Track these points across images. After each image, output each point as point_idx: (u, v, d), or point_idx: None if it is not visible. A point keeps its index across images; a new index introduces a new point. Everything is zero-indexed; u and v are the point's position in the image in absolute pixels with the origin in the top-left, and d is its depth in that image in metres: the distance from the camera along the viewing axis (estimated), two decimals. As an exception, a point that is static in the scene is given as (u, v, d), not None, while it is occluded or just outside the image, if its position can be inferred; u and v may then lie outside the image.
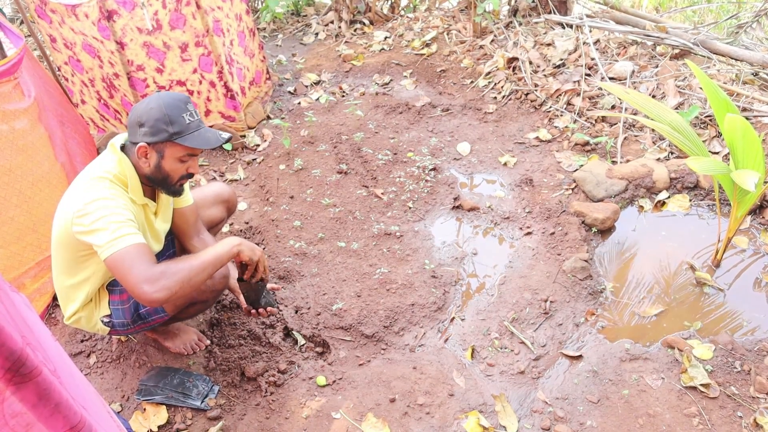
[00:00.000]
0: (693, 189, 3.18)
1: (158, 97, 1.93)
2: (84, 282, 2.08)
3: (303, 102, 4.47)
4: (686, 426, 2.09)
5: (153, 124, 1.89)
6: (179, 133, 1.92)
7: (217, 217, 2.54)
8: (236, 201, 2.65)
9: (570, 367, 2.38)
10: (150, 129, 1.90)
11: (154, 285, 1.76)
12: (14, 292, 0.96)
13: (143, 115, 1.91)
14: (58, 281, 2.12)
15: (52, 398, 0.85)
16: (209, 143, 1.95)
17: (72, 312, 2.13)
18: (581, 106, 3.90)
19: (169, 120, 1.90)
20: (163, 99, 1.92)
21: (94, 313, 2.15)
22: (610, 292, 2.73)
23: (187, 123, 1.93)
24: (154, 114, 1.89)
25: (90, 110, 3.95)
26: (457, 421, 2.17)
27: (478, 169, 3.64)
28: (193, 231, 2.33)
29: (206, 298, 2.19)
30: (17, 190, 2.56)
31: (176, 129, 1.91)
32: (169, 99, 1.92)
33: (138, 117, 1.92)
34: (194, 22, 3.48)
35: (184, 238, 2.34)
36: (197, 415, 2.24)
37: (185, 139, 1.92)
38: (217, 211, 2.53)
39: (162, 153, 1.95)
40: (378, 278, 2.84)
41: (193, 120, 1.95)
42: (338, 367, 2.45)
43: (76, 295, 2.11)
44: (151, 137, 1.91)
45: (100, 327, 2.17)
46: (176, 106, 1.91)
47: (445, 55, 4.96)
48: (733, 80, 3.79)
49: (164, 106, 1.90)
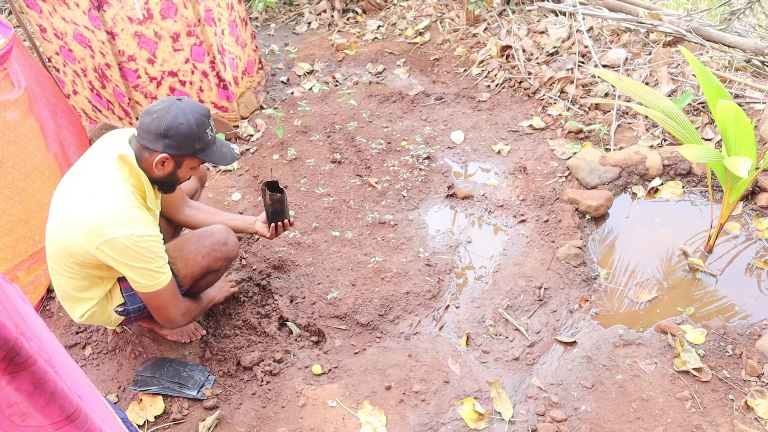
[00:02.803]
0: (686, 176, 3.19)
1: (184, 110, 1.91)
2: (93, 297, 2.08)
3: (296, 92, 4.45)
4: (679, 409, 2.11)
5: (181, 140, 1.91)
6: (203, 150, 1.98)
7: (192, 189, 2.60)
8: (206, 171, 2.71)
9: (564, 353, 2.39)
10: (177, 143, 1.91)
11: (186, 317, 2.16)
12: (8, 283, 0.96)
13: (171, 128, 1.88)
14: (63, 286, 2.05)
15: (48, 387, 0.85)
16: (226, 160, 2.05)
17: (84, 311, 2.10)
18: (575, 94, 3.90)
19: (198, 137, 1.94)
20: (191, 114, 1.91)
21: (108, 306, 2.13)
22: (603, 278, 2.74)
23: (209, 139, 1.99)
24: (184, 130, 1.89)
25: (82, 101, 3.92)
26: (453, 407, 2.19)
27: (471, 158, 3.64)
28: (181, 204, 2.41)
29: (219, 267, 2.27)
30: (9, 182, 2.55)
31: (201, 145, 1.97)
32: (197, 115, 1.93)
33: (164, 129, 1.88)
34: (186, 11, 3.45)
35: (175, 212, 2.40)
36: (193, 405, 2.25)
37: (207, 155, 2.00)
38: (191, 182, 2.59)
39: (180, 164, 2.00)
40: (372, 267, 2.85)
41: (212, 135, 2.02)
42: (334, 355, 2.46)
43: (87, 296, 2.08)
44: (176, 151, 1.93)
45: (115, 318, 2.17)
46: (203, 123, 1.95)
47: (438, 43, 4.94)
48: (726, 67, 3.80)
49: (195, 124, 1.91)
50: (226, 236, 2.25)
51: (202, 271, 2.22)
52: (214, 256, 2.22)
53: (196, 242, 2.21)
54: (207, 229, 2.28)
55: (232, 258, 2.30)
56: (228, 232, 2.28)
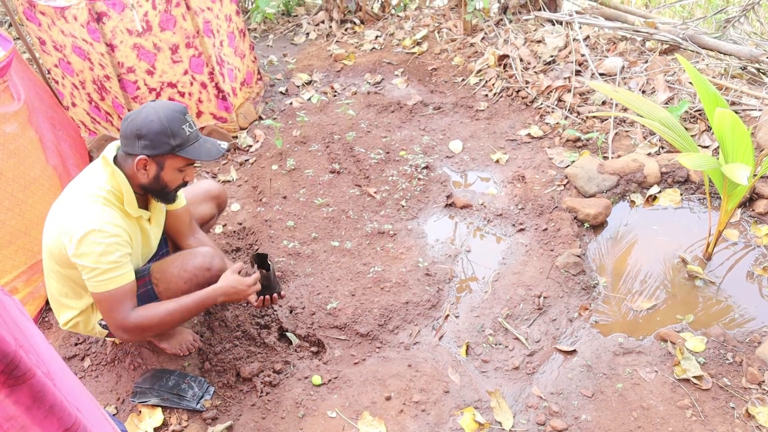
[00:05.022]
0: (684, 183, 3.20)
1: (155, 108, 1.90)
2: (79, 299, 2.08)
3: (295, 102, 4.47)
4: (680, 418, 2.10)
5: (154, 138, 1.88)
6: (181, 146, 1.92)
7: (207, 214, 2.55)
8: (226, 197, 2.66)
9: (564, 362, 2.39)
10: (151, 142, 1.88)
11: (127, 334, 1.96)
12: (6, 295, 0.96)
13: (142, 127, 1.88)
14: (52, 293, 2.10)
15: (47, 400, 0.85)
16: (210, 155, 1.97)
17: (68, 318, 2.12)
18: (572, 103, 3.92)
19: (171, 133, 1.89)
20: (162, 111, 1.90)
21: (92, 317, 2.14)
22: (603, 286, 2.74)
23: (187, 135, 1.94)
24: (155, 127, 1.87)
25: (81, 113, 3.93)
26: (453, 417, 2.18)
27: (470, 167, 3.64)
28: (187, 231, 2.34)
29: None
30: (9, 194, 2.55)
31: (178, 142, 1.91)
32: (168, 111, 1.91)
33: (136, 129, 1.88)
34: (184, 23, 3.47)
35: (180, 238, 2.34)
36: (193, 416, 2.24)
37: (187, 151, 1.93)
38: (207, 207, 2.54)
39: (162, 165, 1.95)
40: (372, 277, 2.85)
41: (192, 131, 1.96)
42: (333, 366, 2.46)
43: (70, 303, 2.10)
44: (152, 150, 1.89)
45: (98, 330, 2.17)
46: (176, 119, 1.90)
47: (436, 53, 4.97)
48: (722, 74, 3.82)
49: (164, 119, 1.88)
50: (210, 261, 2.14)
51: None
52: (196, 282, 2.11)
53: (180, 265, 2.12)
54: (192, 251, 2.18)
55: None
56: (212, 256, 2.16)
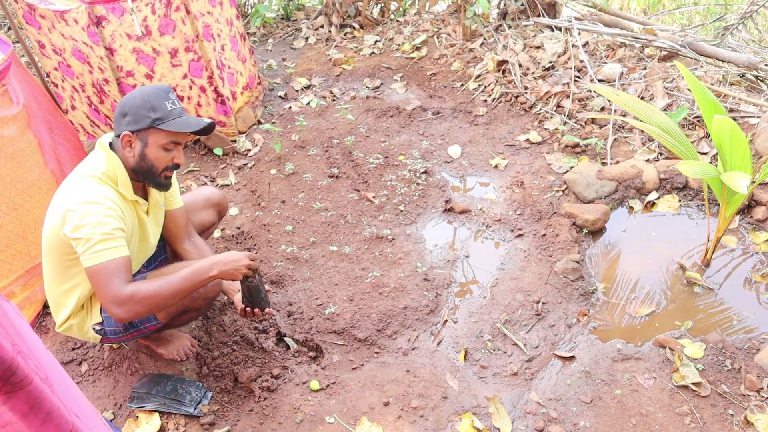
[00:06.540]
0: (682, 189, 3.20)
1: (141, 88, 1.98)
2: (75, 287, 2.07)
3: (294, 106, 4.47)
4: (678, 425, 2.10)
5: (135, 112, 1.92)
6: (161, 119, 1.94)
7: (208, 221, 2.54)
8: (227, 204, 2.65)
9: (563, 368, 2.39)
10: (132, 117, 1.93)
11: (121, 307, 1.83)
12: (4, 300, 0.95)
13: (125, 104, 1.95)
14: (49, 287, 2.10)
15: (44, 407, 0.84)
16: (190, 126, 1.97)
17: (63, 319, 2.12)
18: (571, 108, 3.92)
19: (151, 106, 1.93)
20: (145, 89, 1.97)
21: (86, 320, 2.14)
22: (601, 292, 2.74)
23: (169, 110, 1.96)
24: (137, 102, 1.93)
25: (80, 116, 3.93)
26: (451, 423, 2.17)
27: (469, 172, 3.65)
28: (184, 234, 2.33)
29: (199, 306, 2.17)
30: (6, 198, 2.55)
31: (158, 115, 1.93)
32: (151, 88, 1.97)
33: (121, 108, 1.96)
34: (184, 27, 3.47)
35: (176, 242, 2.33)
36: (190, 421, 2.23)
37: (168, 124, 1.94)
38: (207, 214, 2.53)
39: (146, 141, 1.96)
40: (370, 282, 2.84)
41: (175, 107, 1.98)
42: (331, 371, 2.45)
43: (67, 301, 2.09)
44: (134, 125, 1.94)
45: (92, 335, 2.16)
46: (158, 95, 1.95)
47: (435, 58, 4.98)
48: (720, 81, 3.83)
49: (146, 94, 1.94)
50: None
51: (178, 310, 2.11)
52: (192, 296, 2.08)
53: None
54: (189, 262, 2.10)
55: (212, 298, 2.19)
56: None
